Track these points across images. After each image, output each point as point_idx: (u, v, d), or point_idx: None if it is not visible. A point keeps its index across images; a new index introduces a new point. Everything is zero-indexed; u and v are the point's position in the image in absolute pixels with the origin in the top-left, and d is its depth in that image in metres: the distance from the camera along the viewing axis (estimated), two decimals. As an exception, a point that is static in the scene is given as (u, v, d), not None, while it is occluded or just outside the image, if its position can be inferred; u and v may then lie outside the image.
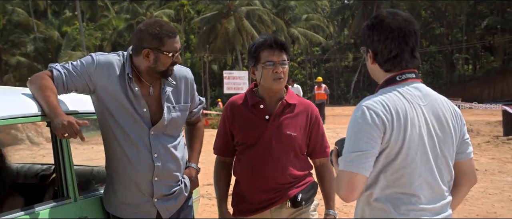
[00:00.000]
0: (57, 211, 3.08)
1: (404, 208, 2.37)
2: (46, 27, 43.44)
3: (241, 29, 46.88)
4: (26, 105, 3.01)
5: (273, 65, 3.37)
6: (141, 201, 3.28)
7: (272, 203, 3.44)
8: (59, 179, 3.21)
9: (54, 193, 3.45)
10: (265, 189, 3.42)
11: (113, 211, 3.33)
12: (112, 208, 3.34)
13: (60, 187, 3.22)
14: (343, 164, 2.35)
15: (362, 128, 2.33)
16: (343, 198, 2.38)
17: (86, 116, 3.41)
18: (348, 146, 2.36)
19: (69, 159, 3.25)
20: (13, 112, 2.93)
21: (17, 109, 2.96)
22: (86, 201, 3.32)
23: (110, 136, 3.28)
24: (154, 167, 3.25)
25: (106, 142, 3.34)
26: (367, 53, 2.59)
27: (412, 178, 2.38)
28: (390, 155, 2.36)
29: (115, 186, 3.30)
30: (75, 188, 3.24)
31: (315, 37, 54.93)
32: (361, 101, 2.45)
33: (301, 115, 3.52)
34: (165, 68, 3.23)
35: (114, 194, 3.31)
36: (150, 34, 3.20)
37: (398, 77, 2.47)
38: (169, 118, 3.32)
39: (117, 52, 3.38)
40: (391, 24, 2.45)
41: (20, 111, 2.96)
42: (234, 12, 47.88)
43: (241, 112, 3.50)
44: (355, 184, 2.31)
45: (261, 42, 3.44)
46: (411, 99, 2.43)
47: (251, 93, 3.54)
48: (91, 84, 3.20)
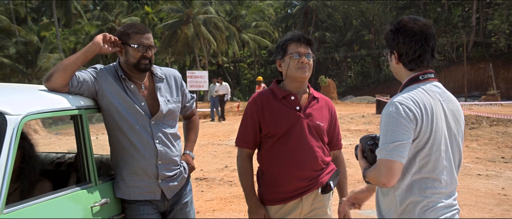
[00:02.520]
0: (83, 193, 3.08)
1: (429, 191, 2.42)
2: (26, 32, 43.02)
3: (199, 34, 47.31)
4: (56, 100, 3.03)
5: (299, 56, 3.27)
6: (148, 183, 3.29)
7: (306, 191, 3.26)
8: (81, 165, 3.19)
9: (77, 178, 3.40)
10: (301, 177, 3.23)
11: (123, 195, 3.31)
12: (122, 193, 3.31)
13: (82, 173, 3.19)
14: (383, 153, 2.34)
15: (397, 121, 2.34)
16: (383, 183, 2.36)
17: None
18: (386, 138, 2.35)
19: (90, 148, 3.23)
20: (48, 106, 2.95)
21: (52, 104, 2.98)
22: (104, 185, 3.29)
23: (116, 130, 3.26)
24: (158, 152, 3.26)
25: (112, 135, 3.32)
26: (391, 54, 2.59)
27: (436, 164, 2.42)
28: (419, 145, 2.39)
29: (123, 173, 3.28)
30: (95, 174, 3.22)
31: (263, 42, 55.46)
32: (392, 98, 2.45)
33: (324, 108, 3.42)
34: (136, 60, 3.25)
35: (122, 180, 3.29)
36: (121, 32, 3.30)
37: (421, 76, 2.51)
38: (167, 109, 3.35)
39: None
40: (414, 28, 2.49)
41: (54, 106, 2.97)
42: (193, 19, 48.26)
43: (270, 104, 3.31)
44: (395, 171, 2.32)
45: (289, 36, 3.36)
46: (433, 96, 2.47)
47: (277, 88, 3.37)
48: (97, 84, 3.21)
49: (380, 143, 2.39)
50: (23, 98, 3.01)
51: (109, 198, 3.28)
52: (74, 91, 3.16)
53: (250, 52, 63.19)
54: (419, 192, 2.42)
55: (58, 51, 42.34)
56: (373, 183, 2.50)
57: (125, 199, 3.34)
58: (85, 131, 3.22)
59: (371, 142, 2.57)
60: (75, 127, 3.21)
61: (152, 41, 3.35)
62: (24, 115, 2.78)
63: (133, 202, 3.32)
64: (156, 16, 53.60)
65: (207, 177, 9.73)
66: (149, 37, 3.30)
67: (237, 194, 8.31)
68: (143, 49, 3.25)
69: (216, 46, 48.82)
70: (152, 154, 3.28)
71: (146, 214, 3.31)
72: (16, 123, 2.71)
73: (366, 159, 2.60)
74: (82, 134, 3.21)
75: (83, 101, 3.21)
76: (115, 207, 3.35)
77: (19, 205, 2.68)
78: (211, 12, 50.30)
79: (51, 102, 3.01)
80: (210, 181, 9.17)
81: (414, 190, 2.42)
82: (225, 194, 8.36)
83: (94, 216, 3.13)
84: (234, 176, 9.75)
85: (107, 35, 3.22)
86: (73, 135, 3.27)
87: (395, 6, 58.68)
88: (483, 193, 8.20)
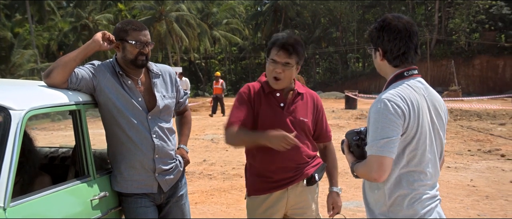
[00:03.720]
0: (83, 187, 3.07)
1: (416, 184, 2.44)
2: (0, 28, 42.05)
3: (171, 31, 47.38)
4: (56, 95, 3.01)
5: (274, 65, 3.19)
6: (145, 176, 3.28)
7: (291, 181, 3.25)
8: (80, 160, 3.16)
9: (75, 173, 3.38)
10: (286, 169, 3.22)
11: (121, 189, 3.30)
12: (120, 187, 3.30)
13: (81, 167, 3.17)
14: (374, 150, 2.33)
15: (386, 117, 2.33)
16: (375, 179, 2.36)
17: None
18: (376, 134, 2.34)
19: (88, 142, 3.20)
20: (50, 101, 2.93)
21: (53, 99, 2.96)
22: (102, 179, 3.27)
23: (113, 124, 3.25)
24: (155, 146, 3.26)
25: (109, 130, 3.30)
26: (376, 52, 2.57)
27: (422, 157, 2.44)
28: (407, 139, 2.39)
29: (121, 167, 3.27)
30: (93, 168, 3.20)
31: (233, 38, 55.71)
32: (379, 95, 2.45)
33: (309, 103, 3.38)
34: (133, 56, 3.24)
35: (120, 174, 3.28)
36: (119, 28, 3.29)
37: (405, 72, 2.51)
38: (163, 104, 3.35)
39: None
40: (398, 25, 2.48)
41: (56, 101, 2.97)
42: (165, 17, 48.28)
43: (259, 98, 3.27)
44: (386, 166, 2.32)
45: (275, 39, 3.25)
46: (418, 91, 2.47)
47: (265, 83, 3.31)
48: (95, 80, 3.19)
49: (369, 139, 2.39)
50: (25, 94, 2.99)
51: (107, 192, 3.27)
52: (72, 87, 3.15)
53: (221, 49, 63.42)
54: (407, 185, 2.43)
55: (32, 47, 41.69)
56: (364, 178, 2.52)
57: (122, 192, 3.33)
58: (84, 126, 3.21)
59: (356, 137, 2.58)
60: (74, 122, 3.20)
61: (149, 37, 3.35)
62: (28, 110, 2.76)
63: (131, 195, 3.32)
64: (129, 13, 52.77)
65: (187, 170, 9.60)
66: (146, 34, 3.30)
67: (217, 187, 8.33)
68: (141, 46, 3.24)
69: (188, 42, 48.80)
70: (149, 148, 3.27)
71: (144, 206, 3.32)
72: (20, 118, 2.70)
73: (353, 154, 2.61)
74: (80, 129, 3.19)
75: (81, 96, 3.20)
76: (113, 200, 3.34)
77: (24, 198, 2.66)
78: (183, 10, 50.29)
79: (52, 98, 3.00)
80: (190, 175, 9.15)
81: (402, 183, 2.43)
82: (206, 187, 8.36)
83: (94, 209, 3.12)
84: (213, 170, 9.75)
85: (106, 33, 3.22)
86: (50, 130, 3.28)
87: (361, 5, 59.37)
88: (454, 184, 8.36)
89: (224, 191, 8.06)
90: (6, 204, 2.48)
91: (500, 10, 47.76)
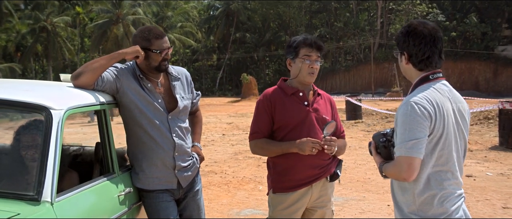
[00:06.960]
0: (109, 183, 3.06)
1: (445, 183, 2.44)
2: (-43, 30, 40.32)
3: (128, 34, 46.22)
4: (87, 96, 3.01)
5: (310, 61, 3.27)
6: (166, 173, 3.30)
7: (317, 178, 3.28)
8: (105, 157, 3.16)
9: (100, 170, 3.31)
10: (313, 165, 3.25)
11: (142, 185, 3.30)
12: (141, 183, 3.30)
13: (106, 164, 3.16)
14: (403, 151, 2.33)
15: (414, 119, 2.33)
16: (404, 179, 2.37)
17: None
18: (404, 136, 2.34)
19: (113, 140, 3.21)
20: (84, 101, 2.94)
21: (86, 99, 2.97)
22: (124, 175, 3.28)
23: (135, 125, 3.25)
24: (175, 144, 3.28)
25: (130, 130, 3.30)
26: (402, 55, 2.58)
27: (449, 157, 2.45)
28: (434, 140, 2.39)
29: (142, 165, 3.27)
30: (117, 165, 3.20)
31: (187, 41, 55.61)
32: (406, 98, 2.46)
33: (327, 103, 3.46)
34: (157, 63, 3.28)
35: (142, 171, 3.28)
36: (141, 37, 3.28)
37: (431, 76, 2.50)
38: (183, 105, 3.37)
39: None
40: (423, 31, 2.48)
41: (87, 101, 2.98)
42: (122, 20, 47.78)
43: (281, 100, 3.31)
44: (415, 166, 2.33)
45: (302, 39, 3.31)
46: (443, 94, 2.47)
47: (285, 85, 3.38)
48: (119, 82, 3.19)
49: (398, 141, 2.39)
50: (60, 94, 2.98)
51: (131, 188, 3.28)
52: (98, 88, 3.15)
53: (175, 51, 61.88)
54: (436, 184, 2.43)
55: (-11, 49, 39.75)
56: (393, 178, 2.53)
57: (144, 189, 3.34)
58: (109, 125, 3.20)
59: (383, 139, 2.59)
60: (99, 121, 3.18)
61: (169, 42, 3.37)
62: (66, 109, 2.75)
63: (152, 191, 3.33)
64: (86, 16, 52.04)
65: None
66: (167, 40, 3.34)
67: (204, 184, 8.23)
68: (164, 53, 3.28)
69: (144, 45, 47.81)
70: (170, 146, 3.29)
71: (165, 201, 3.33)
72: (60, 117, 2.69)
73: (380, 155, 2.62)
74: (105, 127, 3.18)
75: (105, 97, 3.19)
76: (135, 196, 3.34)
77: (66, 193, 2.67)
78: (140, 13, 49.92)
79: (83, 98, 3.00)
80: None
81: (431, 183, 2.45)
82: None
83: (121, 204, 3.13)
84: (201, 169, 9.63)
85: (141, 52, 3.22)
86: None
87: (309, 10, 60.02)
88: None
89: (203, 187, 7.91)
90: (53, 199, 2.49)
91: (436, 17, 49.35)
